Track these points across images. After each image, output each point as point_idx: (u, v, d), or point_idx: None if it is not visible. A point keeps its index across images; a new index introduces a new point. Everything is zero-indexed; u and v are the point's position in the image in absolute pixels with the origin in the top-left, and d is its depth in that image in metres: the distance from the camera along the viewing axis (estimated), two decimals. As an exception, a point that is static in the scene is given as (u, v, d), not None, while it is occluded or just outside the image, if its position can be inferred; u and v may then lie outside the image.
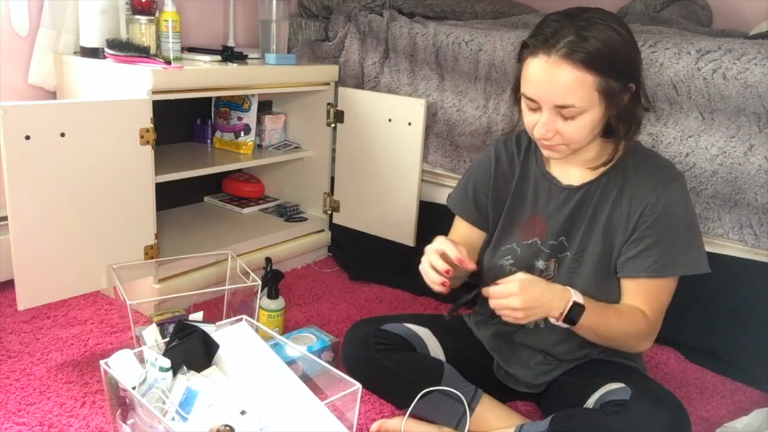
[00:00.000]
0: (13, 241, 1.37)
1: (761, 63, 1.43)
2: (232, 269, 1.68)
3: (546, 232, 1.25)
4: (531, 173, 1.28)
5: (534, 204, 1.27)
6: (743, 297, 1.57)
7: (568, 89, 1.06)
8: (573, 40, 1.04)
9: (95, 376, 1.43)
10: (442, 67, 1.91)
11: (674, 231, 1.15)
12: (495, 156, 1.32)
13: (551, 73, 1.06)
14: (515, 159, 1.30)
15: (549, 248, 1.24)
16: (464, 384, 1.26)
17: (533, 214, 1.27)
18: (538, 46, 1.07)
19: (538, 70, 1.08)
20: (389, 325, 1.33)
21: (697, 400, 1.50)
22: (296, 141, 2.22)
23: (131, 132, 1.52)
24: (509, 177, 1.30)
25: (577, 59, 1.04)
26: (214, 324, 1.25)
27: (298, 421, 1.09)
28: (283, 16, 1.99)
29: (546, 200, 1.25)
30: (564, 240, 1.23)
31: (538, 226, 1.26)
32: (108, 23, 1.65)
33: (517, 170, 1.30)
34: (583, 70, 1.05)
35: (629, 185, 1.18)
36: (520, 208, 1.29)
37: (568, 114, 1.08)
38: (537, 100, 1.10)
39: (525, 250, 1.26)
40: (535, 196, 1.27)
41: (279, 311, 1.60)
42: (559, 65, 1.05)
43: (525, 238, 1.27)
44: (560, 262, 1.23)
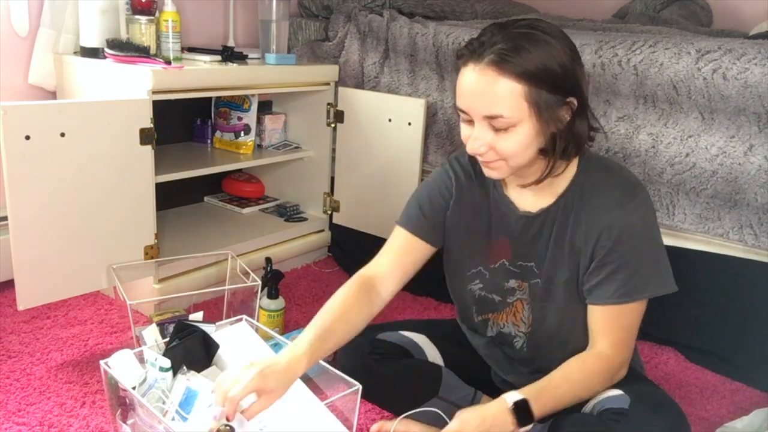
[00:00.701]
0: (13, 241, 1.37)
1: (761, 63, 1.43)
2: (232, 269, 1.68)
3: (512, 253, 1.19)
4: (489, 195, 1.21)
5: (496, 227, 1.20)
6: (743, 297, 1.57)
7: (495, 98, 1.01)
8: (502, 47, 1.00)
9: (95, 376, 1.43)
10: (442, 67, 1.91)
11: (635, 254, 1.08)
12: (453, 176, 1.23)
13: (478, 81, 1.01)
14: (473, 179, 1.23)
15: (518, 268, 1.19)
16: (463, 387, 1.26)
17: (497, 237, 1.20)
18: (468, 55, 1.03)
19: (467, 79, 1.03)
20: (385, 334, 1.32)
21: (697, 400, 1.50)
22: (296, 141, 2.22)
23: (131, 132, 1.52)
24: (469, 197, 1.23)
25: (504, 67, 0.99)
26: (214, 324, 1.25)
27: (298, 421, 1.09)
28: (283, 16, 1.99)
29: (506, 225, 1.19)
30: (534, 266, 1.17)
31: (502, 248, 1.20)
32: (108, 23, 1.66)
33: (477, 191, 1.22)
34: (511, 78, 0.99)
35: (585, 207, 1.11)
36: (482, 231, 1.22)
37: (499, 125, 1.02)
38: (468, 112, 1.05)
39: (493, 274, 1.22)
40: (496, 218, 1.20)
41: (279, 311, 1.60)
42: (485, 73, 1.01)
43: (492, 262, 1.21)
44: (531, 288, 1.18)
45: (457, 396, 1.25)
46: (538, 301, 1.18)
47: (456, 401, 1.24)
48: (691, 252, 1.60)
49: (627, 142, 1.62)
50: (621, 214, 1.07)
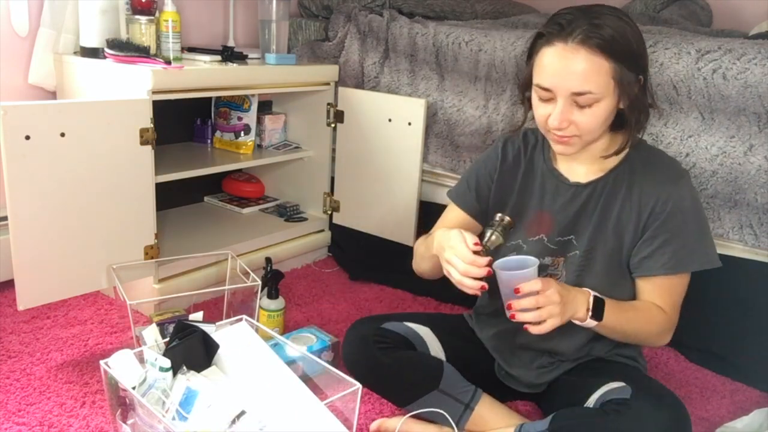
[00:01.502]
0: (13, 241, 1.37)
1: (761, 63, 1.43)
2: (232, 269, 1.68)
3: (553, 228, 1.24)
4: (537, 169, 1.28)
5: (540, 200, 1.26)
6: (743, 297, 1.57)
7: (585, 75, 1.06)
8: (588, 27, 1.06)
9: (95, 376, 1.43)
10: (442, 67, 1.91)
11: (685, 227, 1.16)
12: (501, 151, 1.31)
13: (569, 59, 1.07)
14: (521, 155, 1.30)
15: (556, 245, 1.24)
16: (464, 383, 1.26)
17: (540, 210, 1.26)
18: (554, 34, 1.09)
19: (555, 58, 1.08)
20: (390, 324, 1.33)
21: (697, 400, 1.50)
22: (296, 141, 2.22)
23: (131, 132, 1.52)
24: (515, 173, 1.30)
25: (593, 44, 1.05)
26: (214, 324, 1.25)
27: (298, 421, 1.09)
28: (283, 16, 1.99)
29: (553, 197, 1.25)
30: (573, 239, 1.22)
31: (544, 223, 1.25)
32: (108, 23, 1.66)
33: (523, 166, 1.29)
34: (599, 55, 1.06)
35: (637, 182, 1.18)
36: (525, 205, 1.28)
37: (585, 102, 1.08)
38: (553, 89, 1.10)
39: (531, 247, 1.25)
40: (541, 192, 1.26)
41: (279, 311, 1.60)
42: (576, 51, 1.06)
43: (531, 235, 1.26)
44: (568, 260, 1.23)
45: (457, 390, 1.25)
46: (575, 270, 1.22)
47: (456, 395, 1.25)
48: (691, 252, 1.60)
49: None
50: (674, 189, 1.15)
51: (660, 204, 1.15)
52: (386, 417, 1.30)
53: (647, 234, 1.17)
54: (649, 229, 1.17)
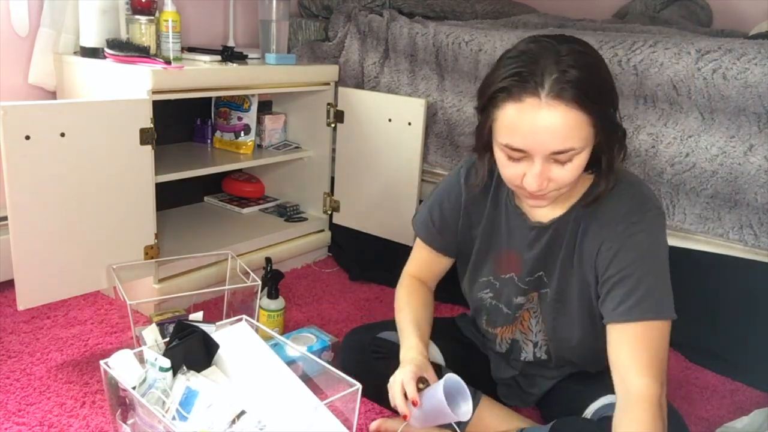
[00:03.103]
0: (13, 241, 1.37)
1: (761, 63, 1.43)
2: (232, 269, 1.68)
3: (521, 268, 1.18)
4: (502, 205, 1.19)
5: (507, 238, 1.19)
6: (743, 297, 1.57)
7: (567, 133, 0.93)
8: (559, 76, 0.92)
9: (95, 376, 1.43)
10: (442, 67, 1.91)
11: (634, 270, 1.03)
12: (465, 184, 1.22)
13: (545, 118, 0.92)
14: (487, 190, 1.20)
15: (527, 284, 1.19)
16: None
17: (507, 248, 1.19)
18: (520, 88, 0.94)
19: (526, 116, 0.93)
20: (386, 333, 1.32)
21: (697, 400, 1.50)
22: (296, 141, 2.22)
23: (131, 132, 1.52)
24: (481, 207, 1.21)
25: (570, 97, 0.92)
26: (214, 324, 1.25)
27: (298, 421, 1.09)
28: (283, 16, 1.99)
29: (518, 236, 1.17)
30: (543, 275, 1.16)
31: (512, 262, 1.19)
32: (108, 23, 1.65)
33: (489, 202, 1.20)
34: (578, 108, 0.93)
35: (595, 219, 1.08)
36: (493, 241, 1.21)
37: (565, 158, 0.96)
38: (529, 150, 0.96)
39: (503, 285, 1.22)
40: (507, 229, 1.19)
41: (279, 311, 1.60)
42: (553, 108, 0.92)
43: (501, 272, 1.21)
44: (541, 297, 1.18)
45: None
46: (550, 313, 1.18)
47: None
48: (691, 252, 1.60)
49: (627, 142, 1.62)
50: (623, 229, 1.04)
51: (605, 243, 1.05)
52: (386, 417, 1.30)
53: (599, 277, 1.07)
54: (599, 272, 1.07)
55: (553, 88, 0.92)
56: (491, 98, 0.98)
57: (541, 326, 1.21)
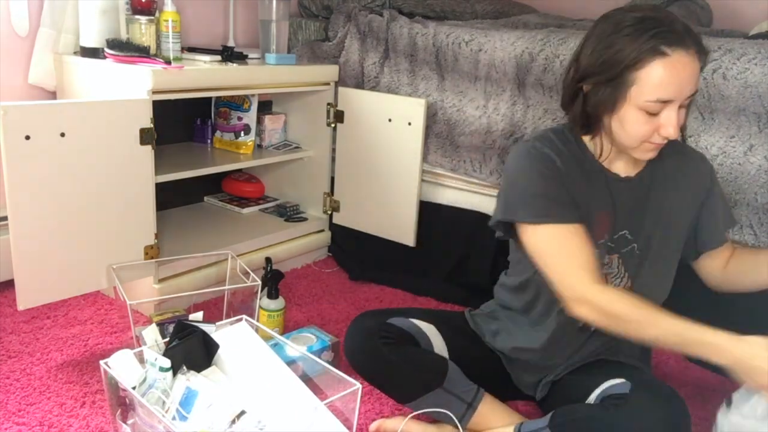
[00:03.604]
0: (13, 241, 1.37)
1: (761, 63, 1.43)
2: (232, 269, 1.68)
3: (611, 226, 1.21)
4: (585, 170, 1.20)
5: (596, 199, 1.20)
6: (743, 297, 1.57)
7: (697, 76, 1.09)
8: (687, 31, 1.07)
9: (95, 376, 1.43)
10: (442, 67, 1.91)
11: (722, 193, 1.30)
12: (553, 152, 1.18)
13: (689, 66, 1.06)
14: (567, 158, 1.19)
15: (613, 242, 1.22)
16: (466, 383, 1.26)
17: (598, 212, 1.20)
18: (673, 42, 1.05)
19: (677, 67, 1.05)
20: (395, 319, 1.31)
21: (697, 400, 1.50)
22: (296, 141, 2.22)
23: (131, 132, 1.52)
24: (573, 174, 1.19)
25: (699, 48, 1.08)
26: (214, 324, 1.25)
27: (298, 421, 1.09)
28: (283, 16, 1.99)
29: (606, 194, 1.20)
30: (627, 233, 1.21)
31: (604, 223, 1.21)
32: (108, 23, 1.66)
33: (575, 168, 1.19)
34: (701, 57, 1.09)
35: (679, 163, 1.24)
36: (589, 205, 1.19)
37: (687, 102, 1.10)
38: (675, 98, 1.07)
39: (599, 251, 1.20)
40: (596, 188, 1.20)
41: (279, 311, 1.60)
42: (694, 57, 1.07)
43: (598, 238, 1.20)
44: (624, 257, 1.22)
45: (461, 389, 1.25)
46: (634, 267, 1.23)
47: (459, 394, 1.25)
48: (691, 252, 1.60)
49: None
50: (706, 165, 1.28)
51: (707, 177, 1.26)
52: (386, 417, 1.30)
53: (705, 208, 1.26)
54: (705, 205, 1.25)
55: (691, 42, 1.06)
56: (630, 65, 1.06)
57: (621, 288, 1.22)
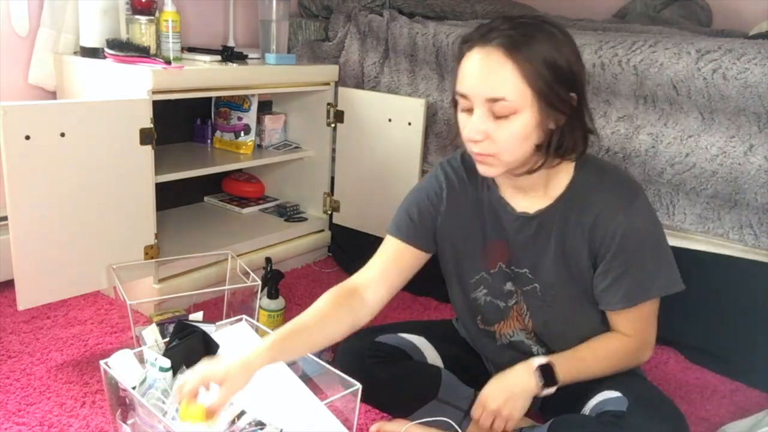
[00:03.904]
0: (13, 241, 1.37)
1: (761, 63, 1.43)
2: (232, 269, 1.68)
3: (508, 256, 1.18)
4: (484, 197, 1.19)
5: (492, 229, 1.19)
6: (743, 297, 1.57)
7: (500, 80, 0.99)
8: (511, 33, 1.00)
9: (95, 376, 1.43)
10: (442, 67, 1.91)
11: (640, 257, 1.08)
12: (445, 180, 1.22)
13: (485, 62, 1.00)
14: (465, 182, 1.21)
15: (513, 273, 1.19)
16: (463, 388, 1.26)
17: (493, 240, 1.19)
18: (476, 39, 1.03)
19: (473, 62, 1.02)
20: (383, 337, 1.31)
21: (697, 400, 1.50)
22: (296, 141, 2.22)
23: (131, 132, 1.52)
24: (462, 201, 1.21)
25: (512, 51, 0.99)
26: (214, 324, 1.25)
27: (298, 421, 1.09)
28: (283, 16, 1.99)
29: (503, 225, 1.17)
30: (527, 272, 1.17)
31: (499, 251, 1.19)
32: (108, 23, 1.66)
33: (470, 194, 1.20)
34: (517, 62, 0.99)
35: (587, 211, 1.09)
36: (478, 234, 1.20)
37: (500, 111, 1.00)
38: (469, 95, 1.02)
39: (494, 278, 1.21)
40: (492, 220, 1.18)
41: (279, 311, 1.60)
42: (492, 54, 1.00)
43: (491, 266, 1.20)
44: (526, 294, 1.18)
45: (457, 397, 1.25)
46: (539, 307, 1.18)
47: (456, 403, 1.24)
48: (691, 252, 1.60)
49: (627, 142, 1.62)
50: (624, 219, 1.06)
51: (609, 235, 1.07)
52: (386, 420, 1.30)
53: (600, 267, 1.10)
54: (602, 262, 1.09)
55: (500, 41, 1.00)
56: (458, 52, 1.07)
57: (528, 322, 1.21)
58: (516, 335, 1.24)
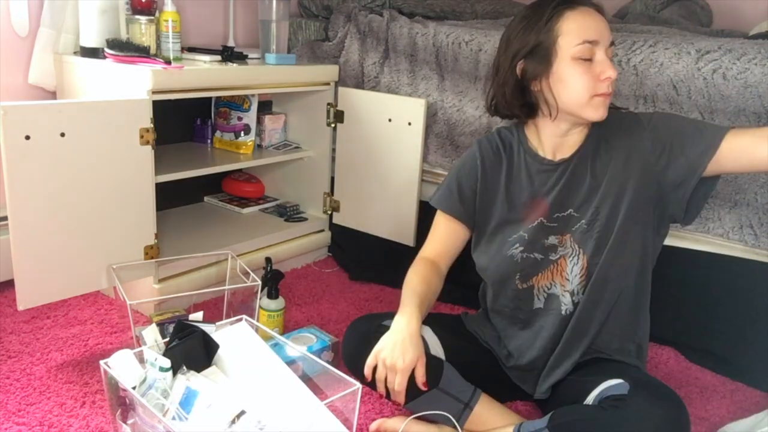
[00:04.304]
0: (13, 241, 1.37)
1: (761, 63, 1.43)
2: (232, 269, 1.68)
3: (548, 209, 1.26)
4: (520, 158, 1.31)
5: (530, 187, 1.28)
6: (743, 297, 1.57)
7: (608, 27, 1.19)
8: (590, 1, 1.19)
9: (95, 376, 1.43)
10: (442, 67, 1.91)
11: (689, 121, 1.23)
12: (479, 152, 1.34)
13: (596, 15, 1.18)
14: (501, 150, 1.33)
15: (556, 222, 1.26)
16: (463, 383, 1.26)
17: (532, 198, 1.28)
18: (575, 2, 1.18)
19: (588, 14, 1.17)
20: (389, 322, 1.32)
21: (697, 400, 1.50)
22: (296, 141, 2.22)
23: (131, 132, 1.52)
24: (498, 168, 1.32)
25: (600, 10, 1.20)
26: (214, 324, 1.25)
27: (298, 421, 1.09)
28: (283, 16, 1.99)
29: (541, 180, 1.27)
30: (572, 212, 1.25)
31: (538, 207, 1.27)
32: (108, 23, 1.66)
33: (506, 159, 1.32)
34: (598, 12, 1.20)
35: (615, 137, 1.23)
36: (517, 195, 1.30)
37: (611, 54, 1.18)
38: (599, 39, 1.16)
39: (532, 233, 1.28)
40: (529, 179, 1.29)
41: (279, 311, 1.60)
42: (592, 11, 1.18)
43: (529, 222, 1.28)
44: (576, 235, 1.24)
45: (457, 389, 1.25)
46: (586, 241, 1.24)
47: (456, 395, 1.25)
48: (691, 252, 1.60)
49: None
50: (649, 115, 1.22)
51: (648, 128, 1.20)
52: (386, 417, 1.30)
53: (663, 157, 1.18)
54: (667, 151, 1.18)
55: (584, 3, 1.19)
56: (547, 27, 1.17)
57: (580, 267, 1.24)
58: (554, 288, 1.28)
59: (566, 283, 1.26)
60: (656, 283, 1.31)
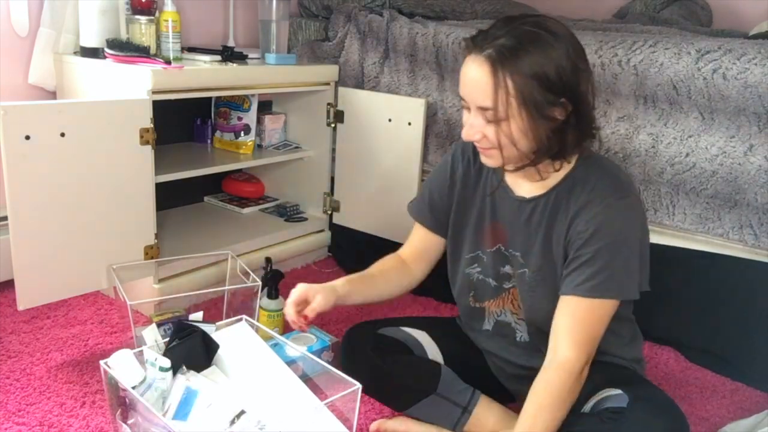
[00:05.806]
0: (13, 241, 1.37)
1: (761, 63, 1.43)
2: (232, 269, 1.68)
3: (507, 238, 1.22)
4: (487, 180, 1.26)
5: (494, 210, 1.24)
6: (743, 297, 1.57)
7: (486, 92, 1.04)
8: (502, 44, 1.03)
9: (95, 376, 1.43)
10: (442, 67, 1.91)
11: (610, 253, 1.08)
12: (452, 161, 1.31)
13: (475, 72, 1.06)
14: (471, 165, 1.28)
15: (511, 257, 1.22)
16: (462, 386, 1.26)
17: (493, 221, 1.24)
18: (471, 45, 1.08)
19: (466, 69, 1.08)
20: (386, 330, 1.33)
21: (697, 400, 1.50)
22: (296, 141, 2.22)
23: (131, 132, 1.52)
24: (467, 182, 1.28)
25: (499, 64, 1.03)
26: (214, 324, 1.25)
27: (298, 421, 1.09)
28: (283, 16, 1.99)
29: (503, 207, 1.23)
30: (519, 256, 1.20)
31: (500, 232, 1.23)
32: (108, 23, 1.65)
33: (475, 176, 1.28)
34: (503, 75, 1.03)
35: (573, 201, 1.12)
36: (480, 214, 1.26)
37: (491, 117, 1.06)
38: (465, 98, 1.10)
39: (490, 258, 1.25)
40: (493, 203, 1.24)
41: (279, 311, 1.60)
42: (482, 66, 1.05)
43: (489, 246, 1.25)
44: (520, 277, 1.21)
45: (455, 393, 1.25)
46: (527, 290, 1.20)
47: (454, 399, 1.25)
48: (691, 252, 1.60)
49: (627, 142, 1.62)
50: (602, 210, 1.09)
51: (585, 223, 1.09)
52: (386, 417, 1.30)
53: (571, 253, 1.11)
54: (572, 250, 1.11)
55: (490, 53, 1.04)
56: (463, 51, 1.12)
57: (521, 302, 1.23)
58: (504, 315, 1.27)
59: (519, 311, 1.24)
60: (656, 283, 1.30)
